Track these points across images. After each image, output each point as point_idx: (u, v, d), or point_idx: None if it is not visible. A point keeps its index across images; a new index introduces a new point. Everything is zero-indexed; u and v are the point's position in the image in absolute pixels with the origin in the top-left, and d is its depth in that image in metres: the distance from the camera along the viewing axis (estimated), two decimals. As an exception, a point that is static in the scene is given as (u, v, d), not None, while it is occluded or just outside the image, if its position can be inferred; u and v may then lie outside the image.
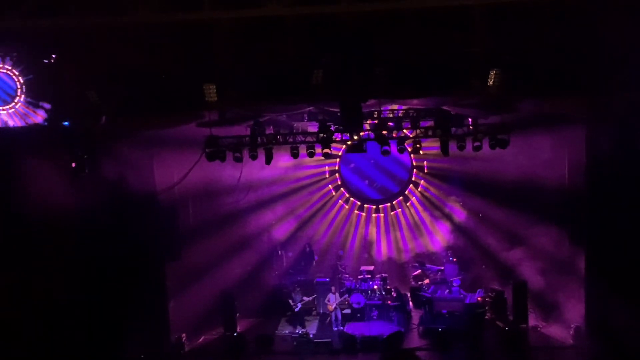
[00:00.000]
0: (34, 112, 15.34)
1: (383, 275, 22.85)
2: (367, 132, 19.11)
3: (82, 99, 14.59)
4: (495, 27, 13.60)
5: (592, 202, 17.41)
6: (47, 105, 15.16)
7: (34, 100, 15.20)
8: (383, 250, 25.44)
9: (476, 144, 18.20)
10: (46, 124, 15.31)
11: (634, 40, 13.58)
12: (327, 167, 25.42)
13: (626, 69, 13.86)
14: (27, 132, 15.31)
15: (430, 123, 19.20)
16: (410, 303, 22.22)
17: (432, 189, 25.20)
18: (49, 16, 13.28)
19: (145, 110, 15.06)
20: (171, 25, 13.61)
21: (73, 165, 15.94)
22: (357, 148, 19.57)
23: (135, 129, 16.52)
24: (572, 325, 18.70)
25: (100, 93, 14.49)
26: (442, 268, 23.20)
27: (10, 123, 15.52)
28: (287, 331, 20.93)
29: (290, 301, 21.17)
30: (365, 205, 25.79)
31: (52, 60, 14.67)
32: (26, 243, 15.77)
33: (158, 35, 13.87)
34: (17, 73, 15.09)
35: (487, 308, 21.10)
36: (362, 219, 25.78)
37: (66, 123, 15.68)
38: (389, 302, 21.36)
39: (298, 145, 19.00)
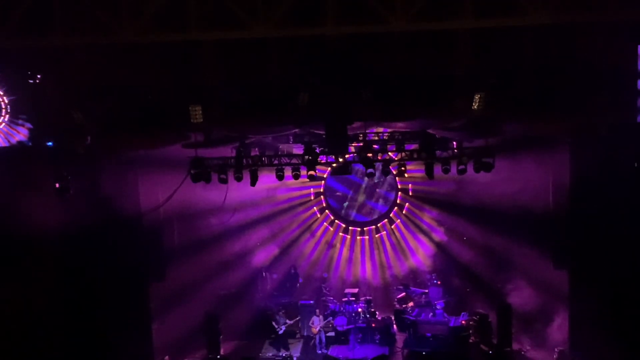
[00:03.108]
0: (18, 132, 15.25)
1: (367, 297, 22.84)
2: (352, 155, 19.16)
3: (66, 119, 14.55)
4: (480, 50, 13.74)
5: (576, 224, 17.51)
6: (30, 125, 15.09)
7: (18, 120, 15.13)
8: (367, 272, 25.47)
9: (461, 167, 18.34)
10: (30, 143, 15.24)
11: (616, 63, 13.76)
12: (312, 189, 25.46)
13: (609, 93, 14.02)
14: (10, 152, 15.22)
15: (415, 146, 19.31)
16: (395, 326, 22.17)
17: (416, 212, 25.27)
18: (34, 36, 13.28)
19: (130, 130, 15.03)
20: (157, 45, 13.63)
21: (57, 185, 15.86)
22: (342, 170, 19.63)
23: (120, 149, 16.49)
24: (556, 349, 18.72)
25: (85, 113, 14.45)
26: (427, 291, 23.22)
27: (-6, 143, 15.45)
28: (270, 354, 20.80)
29: (274, 323, 21.04)
30: (350, 228, 25.82)
31: (37, 80, 14.62)
32: (7, 263, 15.62)
33: (144, 56, 13.89)
34: (1, 93, 15.02)
35: (471, 331, 21.07)
36: (347, 241, 25.79)
37: (50, 143, 15.62)
38: (373, 324, 21.30)
39: (283, 167, 19.04)
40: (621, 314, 16.30)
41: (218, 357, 20.33)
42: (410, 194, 25.27)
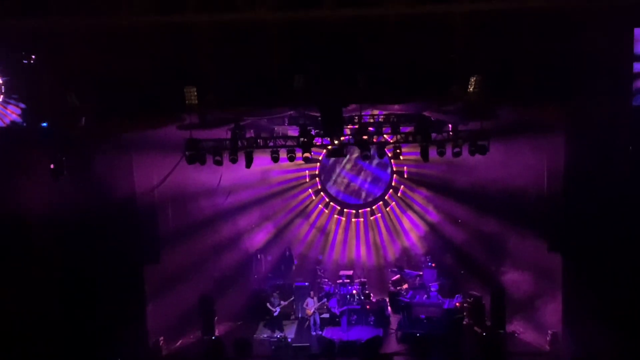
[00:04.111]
0: (12, 112, 15.19)
1: (362, 279, 22.89)
2: (347, 137, 19.13)
3: (61, 101, 14.49)
4: (477, 34, 13.72)
5: (570, 208, 17.52)
6: (23, 105, 15.02)
7: (12, 101, 15.06)
8: (362, 255, 25.48)
9: (456, 150, 18.36)
10: (25, 124, 15.18)
11: (611, 50, 13.75)
12: (307, 172, 25.43)
13: (605, 77, 14.02)
14: (4, 133, 15.17)
15: (410, 129, 19.30)
16: (389, 308, 22.26)
17: (411, 194, 25.27)
18: (29, 17, 13.20)
19: (125, 112, 14.98)
20: (153, 27, 13.58)
21: (52, 166, 15.80)
22: (337, 153, 19.61)
23: (115, 131, 16.43)
24: (549, 331, 18.80)
25: (79, 95, 14.39)
26: (421, 273, 23.24)
27: (-12, 123, 15.38)
28: (265, 335, 20.86)
29: (268, 305, 21.10)
30: (345, 210, 25.82)
31: (32, 61, 14.54)
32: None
33: (139, 38, 13.83)
34: (-5, 74, 14.95)
35: (465, 313, 21.16)
36: (342, 224, 25.80)
37: (45, 124, 15.55)
38: (368, 306, 21.38)
39: (278, 149, 19.01)
40: (614, 296, 16.40)
41: (213, 338, 20.42)
42: (406, 176, 25.25)
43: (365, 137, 18.65)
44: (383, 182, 25.58)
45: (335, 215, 25.83)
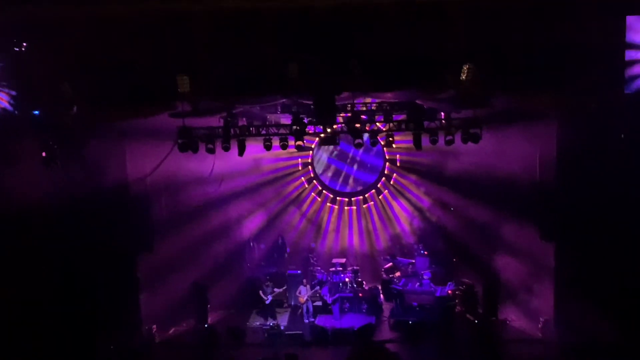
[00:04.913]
0: (2, 100, 15.10)
1: (355, 267, 22.95)
2: (340, 125, 19.11)
3: (53, 89, 14.38)
4: (471, 22, 13.67)
5: (562, 197, 17.58)
6: (13, 93, 14.94)
7: (3, 88, 14.97)
8: (355, 242, 25.54)
9: (448, 138, 18.36)
10: (15, 112, 15.09)
11: (603, 38, 13.74)
12: (300, 160, 25.42)
13: (596, 67, 14.01)
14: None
15: (403, 117, 19.29)
16: (382, 296, 22.32)
17: (404, 182, 25.30)
18: (20, 5, 13.09)
19: (117, 100, 14.88)
20: (146, 16, 13.46)
21: (43, 154, 15.74)
22: (330, 141, 19.59)
23: (108, 119, 16.34)
24: (541, 319, 18.91)
25: (72, 83, 14.29)
26: (414, 261, 23.33)
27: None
28: (258, 323, 20.92)
29: (261, 293, 21.13)
30: (338, 198, 25.84)
31: (23, 49, 14.44)
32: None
33: (132, 26, 13.72)
34: (-15, 61, 14.83)
35: (457, 301, 21.24)
36: (335, 212, 25.82)
37: (36, 112, 15.47)
38: (361, 294, 21.43)
39: (271, 137, 18.98)
40: (606, 283, 16.48)
41: (206, 326, 20.46)
42: (398, 164, 25.27)
43: (358, 125, 18.63)
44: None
45: (328, 204, 25.85)
